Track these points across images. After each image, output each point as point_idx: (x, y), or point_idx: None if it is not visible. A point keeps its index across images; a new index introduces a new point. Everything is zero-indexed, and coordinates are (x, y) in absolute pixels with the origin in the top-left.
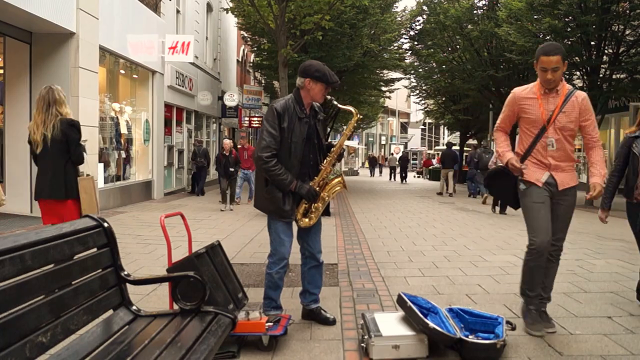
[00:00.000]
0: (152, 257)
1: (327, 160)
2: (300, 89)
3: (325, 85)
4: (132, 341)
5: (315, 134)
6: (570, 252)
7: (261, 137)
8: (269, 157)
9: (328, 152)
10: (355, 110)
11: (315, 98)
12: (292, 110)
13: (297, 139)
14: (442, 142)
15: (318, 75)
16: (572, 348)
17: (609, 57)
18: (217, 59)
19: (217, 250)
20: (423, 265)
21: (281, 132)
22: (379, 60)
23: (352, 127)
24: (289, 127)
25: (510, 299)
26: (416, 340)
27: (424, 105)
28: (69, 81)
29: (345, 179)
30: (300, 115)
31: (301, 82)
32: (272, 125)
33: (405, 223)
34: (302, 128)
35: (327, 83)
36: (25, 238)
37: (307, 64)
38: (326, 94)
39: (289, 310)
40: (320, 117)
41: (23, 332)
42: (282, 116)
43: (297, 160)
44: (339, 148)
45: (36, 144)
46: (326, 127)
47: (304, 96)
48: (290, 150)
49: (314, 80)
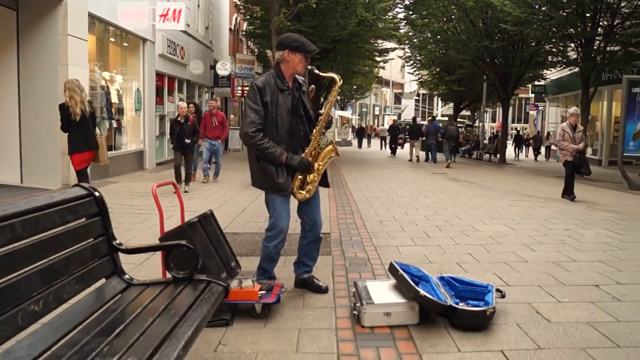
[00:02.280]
0: (145, 226)
1: (316, 129)
2: (281, 63)
3: (304, 54)
4: (125, 309)
5: (302, 106)
6: (560, 222)
7: (245, 115)
8: (254, 131)
9: (317, 122)
10: (337, 77)
11: (296, 69)
12: (273, 84)
13: (281, 111)
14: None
15: (296, 45)
16: (559, 315)
17: (603, 29)
18: (209, 27)
19: (209, 219)
20: (415, 234)
21: (265, 107)
22: (373, 30)
23: (335, 94)
24: (272, 101)
25: (500, 267)
26: (407, 307)
27: (418, 76)
28: (57, 49)
29: (338, 149)
30: (282, 88)
31: (280, 55)
32: (253, 101)
33: (397, 193)
34: (286, 100)
35: (305, 52)
36: (15, 207)
37: (284, 36)
38: (307, 64)
39: (282, 278)
40: (304, 89)
41: (15, 300)
42: (262, 91)
43: (285, 132)
44: (326, 115)
45: (75, 115)
46: (319, 98)
47: (285, 69)
48: (277, 123)
49: (292, 51)
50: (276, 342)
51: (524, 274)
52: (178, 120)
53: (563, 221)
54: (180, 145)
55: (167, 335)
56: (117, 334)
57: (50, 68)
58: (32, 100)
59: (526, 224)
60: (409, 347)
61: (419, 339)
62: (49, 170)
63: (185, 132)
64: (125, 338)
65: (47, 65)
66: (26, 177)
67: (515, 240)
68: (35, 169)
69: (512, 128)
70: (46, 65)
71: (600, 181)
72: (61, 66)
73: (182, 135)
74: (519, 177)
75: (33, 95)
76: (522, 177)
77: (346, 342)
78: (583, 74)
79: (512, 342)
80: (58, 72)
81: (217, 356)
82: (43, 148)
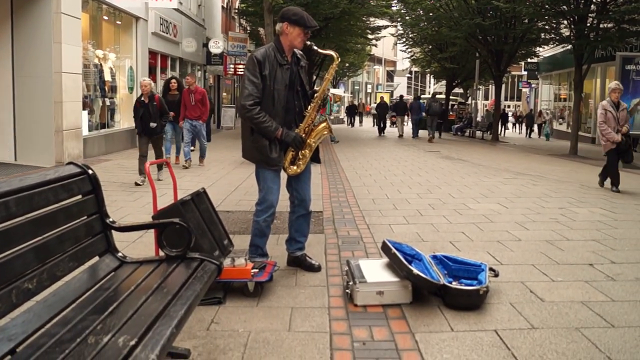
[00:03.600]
0: (138, 204)
1: (311, 106)
2: (280, 35)
3: (304, 29)
4: (118, 287)
5: (299, 81)
6: (553, 200)
7: (243, 86)
8: (252, 104)
9: (312, 99)
10: (335, 54)
11: (294, 43)
12: (273, 57)
13: (279, 86)
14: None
15: (295, 18)
16: (553, 294)
17: (596, 6)
18: (202, 5)
19: (202, 197)
20: (408, 213)
21: (263, 80)
22: (365, 7)
23: (333, 72)
24: (270, 74)
25: (493, 246)
26: (400, 286)
27: (410, 54)
28: (51, 27)
29: (332, 126)
30: (281, 62)
31: (279, 27)
32: (252, 73)
33: (390, 171)
34: (284, 75)
35: (304, 27)
36: (9, 185)
37: (286, 8)
38: (305, 39)
39: (275, 257)
40: (302, 64)
41: (9, 278)
42: (262, 64)
43: (281, 107)
44: (322, 93)
45: None
46: (312, 75)
47: (284, 42)
48: (274, 97)
49: (291, 24)
50: (269, 320)
51: (517, 253)
52: (142, 101)
53: (557, 199)
54: (144, 129)
55: (160, 313)
56: (110, 312)
57: (43, 46)
58: (26, 78)
59: (519, 202)
60: (402, 326)
61: (412, 318)
62: (43, 148)
63: (151, 114)
64: (118, 316)
65: (40, 44)
66: (20, 155)
67: (509, 218)
68: (29, 146)
69: (505, 106)
70: (40, 43)
71: (595, 159)
72: (55, 44)
73: (147, 118)
74: (512, 155)
75: (27, 73)
76: (514, 155)
77: (339, 320)
78: (576, 52)
79: (505, 321)
80: (52, 50)
81: (210, 334)
82: (37, 126)
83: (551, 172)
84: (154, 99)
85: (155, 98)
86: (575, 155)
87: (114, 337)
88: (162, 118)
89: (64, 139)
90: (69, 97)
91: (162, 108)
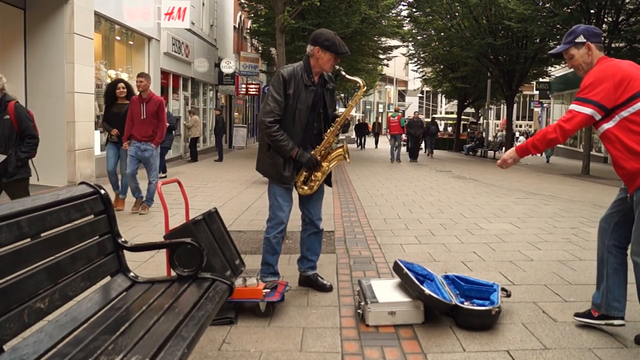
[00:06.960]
0: (150, 224)
1: (330, 130)
2: (310, 57)
3: (334, 55)
4: (130, 307)
5: (322, 103)
6: (566, 220)
7: (266, 102)
8: (272, 122)
9: (332, 123)
10: (362, 82)
11: (324, 67)
12: (300, 77)
13: (302, 106)
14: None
15: (327, 44)
16: (566, 315)
17: (608, 25)
18: (214, 25)
19: (214, 217)
20: (419, 232)
21: (286, 99)
22: (377, 28)
23: (357, 99)
24: (295, 94)
25: (505, 266)
26: (412, 306)
27: (422, 73)
28: (64, 47)
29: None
30: (307, 83)
31: (310, 50)
32: (277, 90)
33: (401, 191)
34: (308, 96)
35: (336, 53)
36: (22, 205)
37: (319, 32)
38: (335, 64)
39: (286, 277)
40: (329, 87)
41: (21, 298)
42: (288, 82)
43: (300, 127)
44: (343, 119)
45: None
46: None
47: (313, 64)
48: (295, 117)
49: (322, 49)
50: (280, 340)
51: (529, 273)
52: None
53: (569, 219)
54: None
55: (172, 333)
56: (122, 332)
57: (56, 66)
58: (39, 98)
59: (531, 222)
60: (414, 346)
61: (423, 339)
62: (55, 167)
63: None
64: (130, 336)
65: (53, 63)
66: (33, 175)
67: (521, 238)
68: (41, 166)
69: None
70: (53, 63)
71: (608, 179)
72: (67, 64)
73: None
74: (524, 175)
75: (39, 93)
76: (526, 175)
77: (350, 341)
78: None
79: (518, 341)
80: (64, 70)
81: (221, 355)
82: (49, 146)
83: (563, 192)
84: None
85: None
86: (588, 175)
87: (126, 357)
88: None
89: (76, 158)
90: (82, 117)
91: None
